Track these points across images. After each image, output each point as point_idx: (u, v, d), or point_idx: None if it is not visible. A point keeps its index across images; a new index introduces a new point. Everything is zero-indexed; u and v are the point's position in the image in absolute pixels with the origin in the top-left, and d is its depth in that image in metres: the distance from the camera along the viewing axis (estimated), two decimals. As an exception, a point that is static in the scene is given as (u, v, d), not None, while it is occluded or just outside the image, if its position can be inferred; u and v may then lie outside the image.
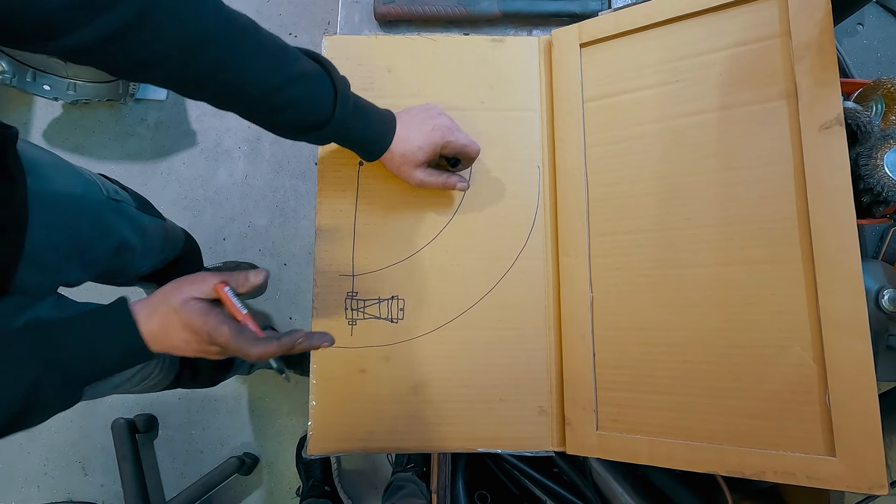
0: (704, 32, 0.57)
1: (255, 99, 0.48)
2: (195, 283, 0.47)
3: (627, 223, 0.59)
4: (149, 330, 0.46)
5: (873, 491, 0.45)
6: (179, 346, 0.47)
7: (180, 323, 0.45)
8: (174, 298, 0.46)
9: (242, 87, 0.47)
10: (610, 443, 0.57)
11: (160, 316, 0.46)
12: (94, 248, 0.69)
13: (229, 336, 0.45)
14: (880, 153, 0.53)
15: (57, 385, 0.44)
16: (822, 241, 0.49)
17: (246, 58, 0.46)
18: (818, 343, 0.49)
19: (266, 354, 0.47)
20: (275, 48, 0.49)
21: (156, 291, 0.48)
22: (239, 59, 0.46)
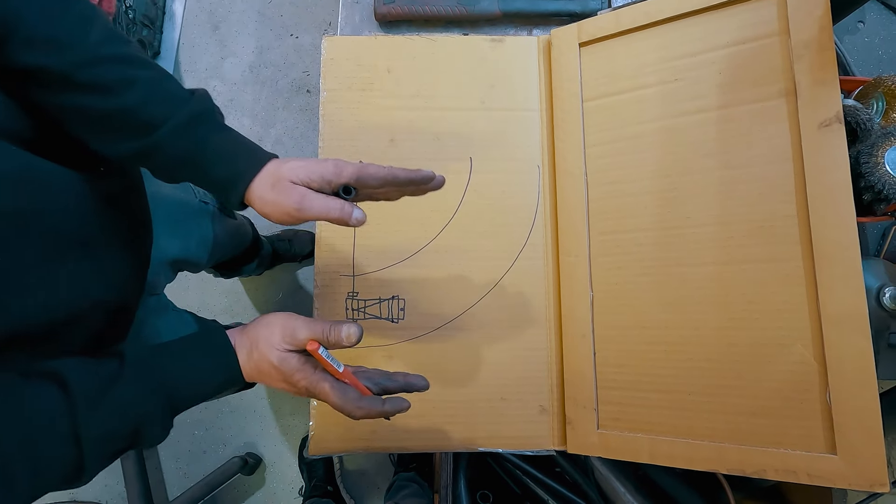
0: (704, 31, 0.57)
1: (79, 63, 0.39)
2: (286, 335, 0.43)
3: (627, 222, 0.59)
4: (247, 370, 0.45)
5: (874, 488, 0.45)
6: (275, 386, 0.45)
7: (279, 376, 0.44)
8: (271, 353, 0.43)
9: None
10: (611, 441, 0.57)
11: (257, 362, 0.44)
12: (197, 255, 0.72)
13: (330, 395, 0.43)
14: (881, 151, 0.53)
15: (160, 419, 0.42)
16: (823, 239, 0.49)
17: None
18: (819, 341, 0.49)
19: (371, 415, 0.45)
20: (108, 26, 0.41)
21: (246, 330, 0.45)
22: None
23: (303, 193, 0.42)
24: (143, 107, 0.41)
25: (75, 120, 0.42)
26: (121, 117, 0.41)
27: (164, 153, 0.42)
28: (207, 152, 0.43)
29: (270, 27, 1.51)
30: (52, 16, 0.39)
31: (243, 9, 1.52)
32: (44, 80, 0.39)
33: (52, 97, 0.40)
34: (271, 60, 1.50)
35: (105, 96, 0.40)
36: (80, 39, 0.39)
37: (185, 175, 0.44)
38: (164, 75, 0.43)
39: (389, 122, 0.65)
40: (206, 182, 0.45)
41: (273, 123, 1.47)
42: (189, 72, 1.50)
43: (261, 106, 1.48)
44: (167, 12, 1.50)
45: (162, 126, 0.41)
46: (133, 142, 0.42)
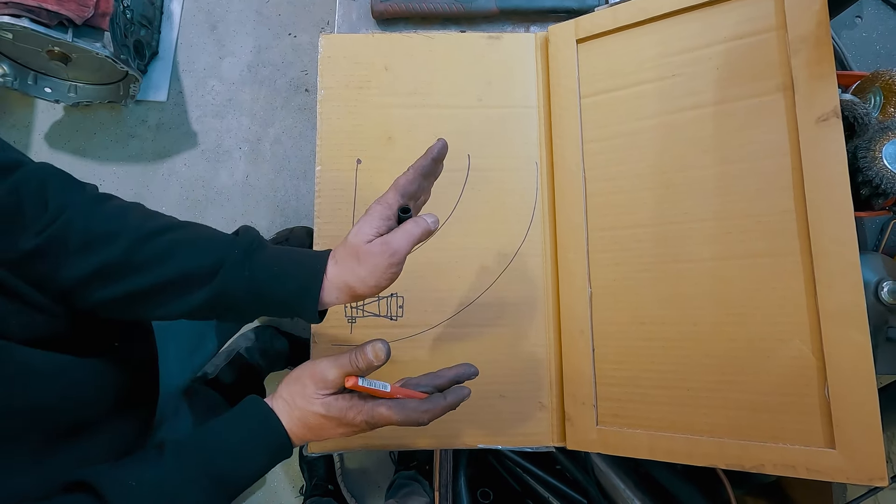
0: (701, 27, 0.57)
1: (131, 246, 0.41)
2: (318, 383, 0.42)
3: (626, 218, 0.59)
4: (295, 432, 0.43)
5: (873, 483, 0.45)
6: (332, 435, 0.44)
7: (333, 423, 0.42)
8: (313, 405, 0.42)
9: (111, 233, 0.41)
10: (610, 438, 0.57)
11: (301, 420, 0.42)
12: (199, 366, 0.72)
13: (393, 417, 0.42)
14: (879, 145, 0.53)
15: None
16: (820, 233, 0.49)
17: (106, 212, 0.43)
18: (817, 336, 0.49)
19: (438, 415, 0.44)
20: (142, 210, 0.45)
21: (278, 394, 0.44)
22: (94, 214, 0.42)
23: (384, 242, 0.42)
24: (200, 260, 0.42)
25: (139, 301, 0.42)
26: (183, 279, 0.42)
27: (230, 294, 0.42)
28: (269, 275, 0.43)
29: (268, 26, 1.51)
30: (97, 215, 0.42)
31: (241, 8, 1.52)
32: (107, 275, 0.41)
33: (116, 288, 0.42)
34: (269, 60, 1.50)
35: (163, 266, 0.41)
36: (124, 227, 0.42)
37: (257, 308, 0.44)
38: (202, 229, 0.45)
39: (387, 120, 0.65)
40: (279, 306, 0.44)
41: (272, 123, 1.47)
42: (187, 72, 1.50)
43: (259, 105, 1.48)
44: (165, 12, 1.50)
45: (221, 269, 0.42)
46: (200, 293, 0.42)
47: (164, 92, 1.48)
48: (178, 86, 1.49)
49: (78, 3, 1.19)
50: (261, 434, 0.42)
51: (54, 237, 0.40)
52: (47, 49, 1.24)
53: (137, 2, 1.37)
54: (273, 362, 1.20)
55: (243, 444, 0.42)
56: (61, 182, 0.42)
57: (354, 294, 0.43)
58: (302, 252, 0.45)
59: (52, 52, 1.25)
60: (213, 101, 1.49)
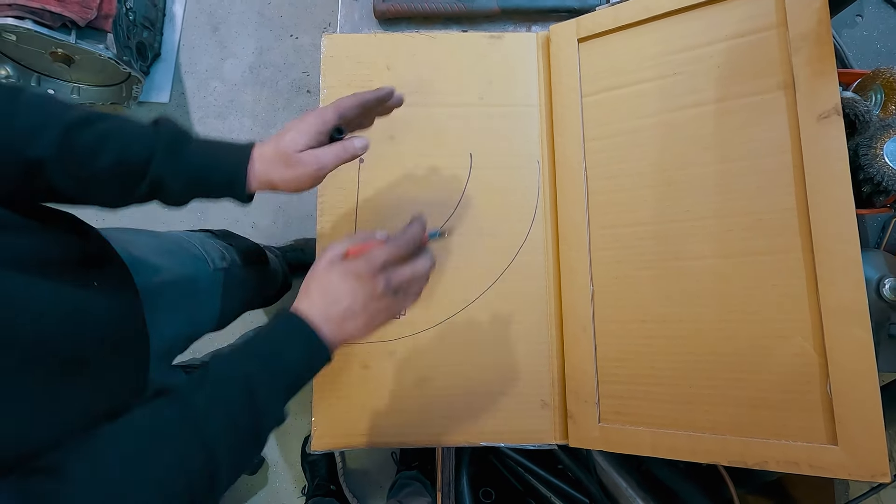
0: (702, 25, 0.58)
1: (55, 145, 0.43)
2: (329, 257, 0.46)
3: (627, 216, 0.59)
4: (327, 324, 0.44)
5: (875, 479, 0.45)
6: (353, 310, 0.45)
7: (339, 275, 0.45)
8: (323, 267, 0.46)
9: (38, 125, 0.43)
10: (612, 435, 0.57)
11: (329, 302, 0.45)
12: (203, 325, 0.72)
13: (391, 251, 0.45)
14: (880, 143, 0.53)
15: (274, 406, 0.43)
16: (822, 230, 0.49)
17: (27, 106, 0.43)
18: (819, 332, 0.49)
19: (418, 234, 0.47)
20: (58, 101, 0.46)
21: (298, 299, 0.46)
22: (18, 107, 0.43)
23: (314, 155, 0.46)
24: (128, 151, 0.44)
25: (84, 191, 0.45)
26: (116, 170, 0.44)
27: (166, 183, 0.45)
28: (199, 168, 0.46)
29: (270, 28, 1.52)
30: (17, 110, 0.42)
31: (243, 10, 1.53)
32: (45, 168, 0.43)
33: (59, 180, 0.44)
34: (271, 61, 1.50)
35: (95, 157, 0.43)
36: (47, 119, 0.43)
37: (190, 195, 0.48)
38: (125, 121, 0.46)
39: (389, 119, 0.64)
40: (213, 191, 0.47)
41: (273, 124, 1.48)
42: (189, 73, 1.50)
43: (261, 106, 1.48)
44: (167, 14, 1.51)
45: (151, 161, 0.44)
46: (138, 186, 0.45)
47: (166, 93, 1.49)
48: (181, 87, 1.50)
49: (81, 4, 1.19)
50: (293, 335, 0.44)
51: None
52: (50, 51, 1.25)
53: (140, 3, 1.38)
54: None
55: (282, 345, 0.44)
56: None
57: (273, 188, 0.47)
58: (224, 146, 0.48)
59: (55, 53, 1.25)
60: (216, 102, 1.49)
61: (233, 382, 0.41)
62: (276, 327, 0.45)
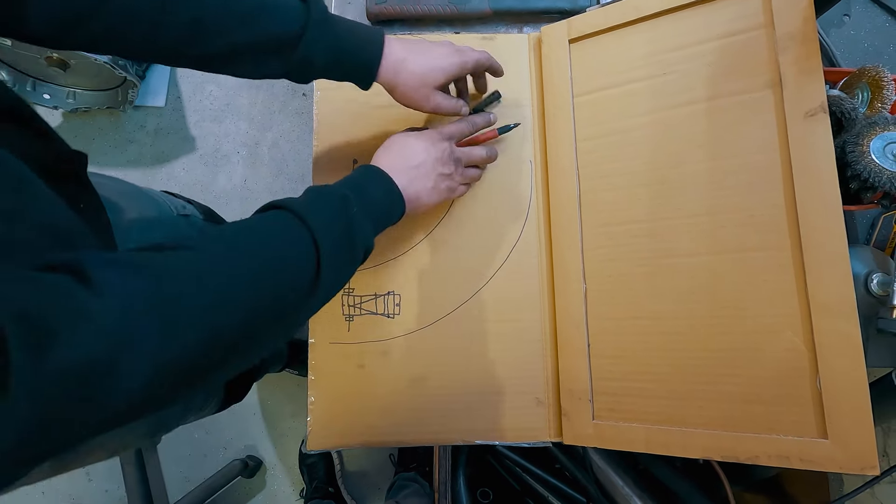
0: (691, 25, 0.58)
1: (211, 16, 0.43)
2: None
3: (620, 214, 0.60)
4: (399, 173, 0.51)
5: (865, 471, 0.45)
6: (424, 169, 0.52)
7: (415, 137, 0.53)
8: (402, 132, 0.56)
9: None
10: (606, 432, 0.57)
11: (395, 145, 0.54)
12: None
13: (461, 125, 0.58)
14: (866, 140, 0.53)
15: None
16: (809, 227, 0.50)
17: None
18: (808, 327, 0.49)
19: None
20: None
21: None
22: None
23: (437, 101, 0.54)
24: (282, 25, 0.46)
25: (235, 58, 0.46)
26: (266, 42, 0.46)
27: (313, 60, 0.48)
28: (346, 47, 0.49)
29: (266, 32, 1.52)
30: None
31: (238, 14, 1.53)
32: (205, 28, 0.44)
33: (216, 41, 0.45)
34: (267, 64, 1.51)
35: (248, 25, 0.44)
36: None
37: (329, 72, 0.50)
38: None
39: (383, 121, 0.66)
40: (346, 74, 0.51)
41: (269, 127, 1.48)
42: (185, 77, 1.51)
43: (257, 110, 1.49)
44: (163, 18, 1.51)
45: (299, 44, 0.46)
46: (289, 59, 0.47)
47: (162, 97, 1.49)
48: (177, 91, 1.50)
49: (76, 9, 1.19)
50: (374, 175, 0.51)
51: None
52: (46, 55, 1.25)
53: (135, 8, 1.38)
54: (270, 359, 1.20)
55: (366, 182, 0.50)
56: None
57: (389, 91, 0.53)
58: (362, 28, 0.51)
59: (50, 58, 1.26)
60: (212, 105, 1.50)
61: (331, 196, 0.44)
62: (358, 172, 0.50)
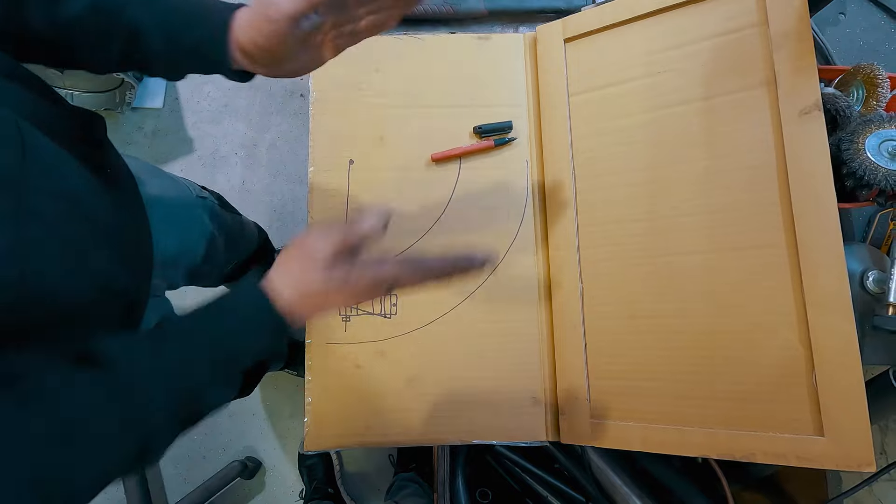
0: (686, 24, 0.58)
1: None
2: (311, 262, 0.40)
3: (616, 213, 0.60)
4: (302, 309, 0.41)
5: (861, 468, 0.45)
6: (340, 305, 0.41)
7: (336, 291, 0.40)
8: (311, 283, 0.40)
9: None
10: (603, 431, 0.57)
11: (306, 294, 0.40)
12: (194, 249, 0.71)
13: (401, 273, 0.40)
14: (861, 137, 0.53)
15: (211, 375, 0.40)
16: (805, 224, 0.50)
17: None
18: (804, 325, 0.49)
19: (446, 271, 0.42)
20: None
21: (272, 276, 0.42)
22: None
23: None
24: None
25: (62, 39, 0.42)
26: (91, 14, 0.41)
27: (142, 38, 0.41)
28: (176, 13, 0.42)
29: (263, 33, 1.52)
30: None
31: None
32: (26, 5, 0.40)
33: (37, 19, 0.41)
34: (264, 66, 1.51)
35: None
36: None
37: (173, 56, 0.43)
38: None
39: (379, 121, 0.66)
40: (195, 52, 0.42)
41: (267, 128, 1.48)
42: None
43: (255, 111, 1.49)
44: (160, 20, 1.51)
45: (127, 5, 0.41)
46: (114, 39, 0.41)
47: (160, 98, 1.49)
48: (174, 92, 1.50)
49: (73, 11, 1.20)
50: (259, 317, 0.41)
51: None
52: (43, 58, 1.25)
53: (133, 10, 1.38)
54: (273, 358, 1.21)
55: (244, 326, 0.41)
56: None
57: (248, 57, 0.41)
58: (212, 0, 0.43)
59: (48, 60, 1.26)
60: (209, 107, 1.50)
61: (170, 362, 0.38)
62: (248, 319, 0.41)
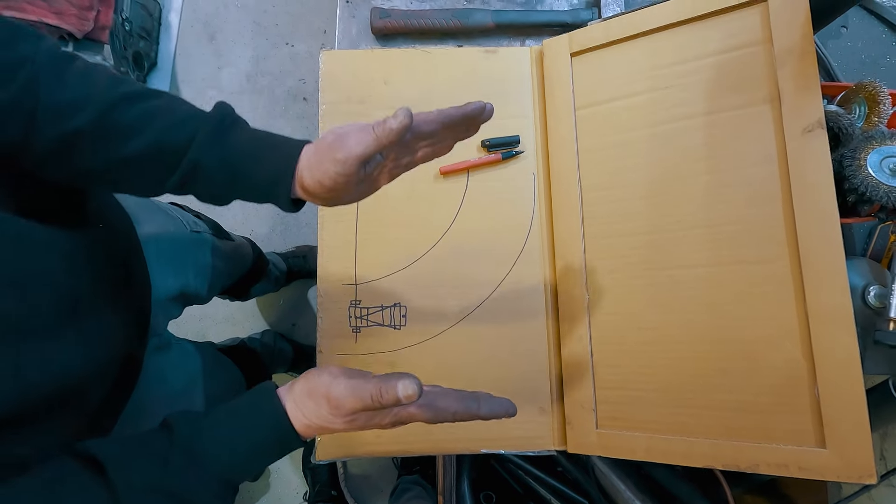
0: (691, 40, 0.59)
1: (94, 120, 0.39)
2: (335, 409, 0.40)
3: (621, 226, 0.61)
4: (306, 431, 0.41)
5: (863, 480, 0.46)
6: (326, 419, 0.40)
7: (352, 428, 0.41)
8: (331, 423, 0.40)
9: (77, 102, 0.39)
10: (609, 440, 0.58)
11: (317, 424, 0.40)
12: (195, 285, 0.73)
13: (421, 416, 0.40)
14: (863, 154, 0.54)
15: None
16: (808, 239, 0.51)
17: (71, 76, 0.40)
18: (806, 338, 0.50)
19: (466, 417, 0.41)
20: (110, 73, 0.42)
21: (293, 393, 0.42)
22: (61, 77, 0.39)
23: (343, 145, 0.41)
24: (170, 133, 0.41)
25: (115, 173, 0.42)
26: (153, 153, 0.41)
27: (203, 172, 0.41)
28: (242, 157, 0.41)
29: (266, 36, 1.53)
30: (65, 79, 0.39)
31: (238, 18, 1.54)
32: (80, 144, 0.40)
33: (90, 158, 0.41)
34: (267, 69, 1.51)
35: (133, 138, 0.40)
36: (92, 92, 0.40)
37: (231, 187, 0.43)
38: (175, 100, 0.43)
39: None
40: (254, 190, 0.43)
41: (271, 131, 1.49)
42: (186, 82, 1.51)
43: (259, 114, 1.49)
44: (163, 23, 1.52)
45: (191, 145, 0.40)
46: (172, 173, 0.41)
47: (163, 103, 1.50)
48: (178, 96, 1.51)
49: (78, 17, 1.20)
50: (274, 438, 0.41)
51: (19, 98, 0.38)
52: (48, 63, 1.25)
53: (136, 13, 1.39)
54: (275, 361, 1.22)
55: (256, 449, 0.41)
56: (10, 30, 0.39)
57: (308, 194, 0.42)
58: (280, 137, 0.43)
59: (52, 65, 1.26)
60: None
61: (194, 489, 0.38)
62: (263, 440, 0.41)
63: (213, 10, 1.55)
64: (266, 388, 0.42)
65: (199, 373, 0.72)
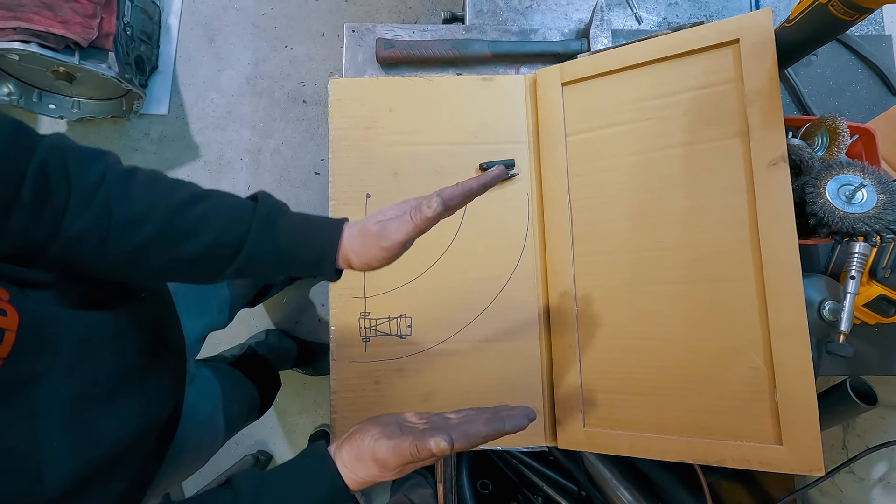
0: (671, 75, 0.65)
1: (167, 221, 0.44)
2: (380, 466, 0.45)
3: (607, 245, 0.67)
4: (356, 486, 0.46)
5: (812, 472, 0.54)
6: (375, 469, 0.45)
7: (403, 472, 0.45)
8: (376, 477, 0.45)
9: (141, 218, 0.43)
10: (595, 438, 0.65)
11: (364, 478, 0.45)
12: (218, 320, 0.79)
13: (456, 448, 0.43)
14: (823, 182, 0.60)
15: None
16: (771, 261, 0.57)
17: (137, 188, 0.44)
18: (768, 349, 0.57)
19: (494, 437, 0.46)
20: (166, 180, 0.46)
21: (342, 456, 0.46)
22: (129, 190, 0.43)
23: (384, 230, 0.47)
24: (225, 232, 0.45)
25: (179, 271, 0.46)
26: (212, 251, 0.45)
27: (256, 261, 0.46)
28: (290, 244, 0.47)
29: (265, 39, 1.55)
30: (132, 193, 0.44)
31: (237, 21, 1.56)
32: (148, 251, 0.44)
33: (157, 261, 0.45)
34: (267, 72, 1.54)
35: (193, 239, 0.45)
36: (157, 203, 0.44)
37: (280, 270, 0.49)
38: (224, 196, 0.48)
39: (393, 157, 0.72)
40: (302, 269, 0.49)
41: (271, 134, 1.52)
42: (187, 85, 1.54)
43: (258, 117, 1.53)
44: (163, 26, 1.54)
45: (245, 242, 0.45)
46: (229, 265, 0.46)
47: (165, 105, 1.52)
48: (179, 99, 1.53)
49: (83, 25, 1.23)
50: (332, 498, 0.45)
51: (96, 220, 0.42)
52: (52, 69, 1.28)
53: (137, 17, 1.41)
54: (280, 359, 1.29)
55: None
56: (80, 157, 0.43)
57: (354, 267, 0.48)
58: (316, 222, 0.49)
59: (56, 71, 1.29)
60: (214, 113, 1.53)
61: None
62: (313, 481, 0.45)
63: (212, 12, 1.57)
64: (320, 453, 0.47)
65: (219, 398, 0.78)
